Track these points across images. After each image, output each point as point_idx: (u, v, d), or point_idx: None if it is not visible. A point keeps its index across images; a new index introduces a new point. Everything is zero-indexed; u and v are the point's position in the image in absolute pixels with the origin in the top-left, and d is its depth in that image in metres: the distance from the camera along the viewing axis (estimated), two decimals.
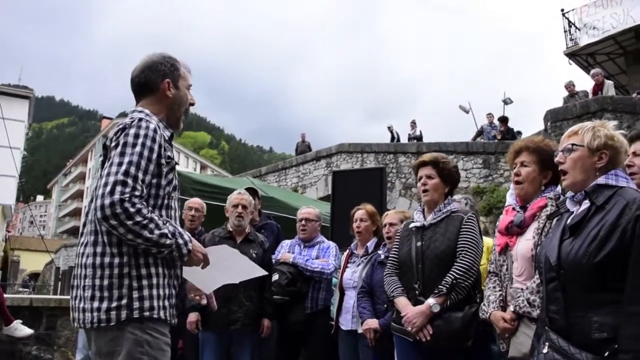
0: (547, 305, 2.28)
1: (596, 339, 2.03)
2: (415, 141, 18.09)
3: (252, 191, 5.52)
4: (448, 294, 3.11)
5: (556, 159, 2.43)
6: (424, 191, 3.42)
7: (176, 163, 2.45)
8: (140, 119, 2.27)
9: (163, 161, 2.30)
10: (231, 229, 4.56)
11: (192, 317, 4.36)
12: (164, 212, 2.32)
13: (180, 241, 2.24)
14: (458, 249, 3.20)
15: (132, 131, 2.22)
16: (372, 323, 3.91)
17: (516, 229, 2.88)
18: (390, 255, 3.60)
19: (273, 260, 4.76)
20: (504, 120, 16.16)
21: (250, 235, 4.58)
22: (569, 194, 2.40)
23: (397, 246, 3.54)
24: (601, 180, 2.25)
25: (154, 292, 2.23)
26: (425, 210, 3.48)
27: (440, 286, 3.13)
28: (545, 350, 2.19)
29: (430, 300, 3.13)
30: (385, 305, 3.93)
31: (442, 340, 3.09)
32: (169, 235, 2.19)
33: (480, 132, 17.31)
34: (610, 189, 2.21)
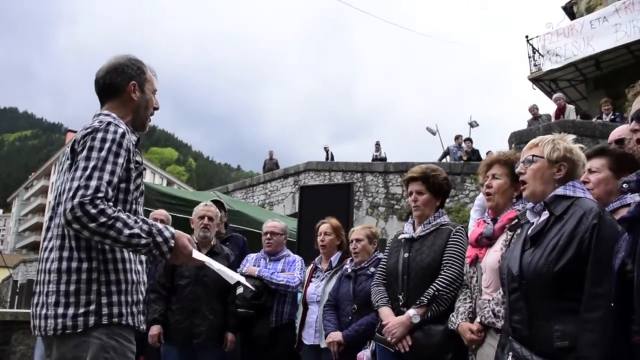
0: (511, 315, 2.32)
1: (558, 347, 2.08)
2: (380, 160, 18.29)
3: (218, 204, 5.48)
4: (429, 306, 3.11)
5: (517, 170, 2.50)
6: (415, 207, 3.43)
7: (144, 168, 2.43)
8: (109, 123, 2.23)
9: (132, 166, 2.27)
10: (197, 241, 4.51)
11: (154, 330, 4.25)
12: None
13: (159, 239, 2.16)
14: (443, 261, 3.21)
15: (100, 135, 2.18)
16: (336, 336, 3.89)
17: (485, 241, 2.92)
18: (379, 265, 3.63)
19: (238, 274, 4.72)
20: (470, 140, 16.50)
21: (215, 248, 4.54)
22: (529, 205, 2.46)
23: (386, 257, 3.56)
24: (559, 191, 2.32)
25: (123, 298, 2.20)
26: (416, 222, 3.49)
27: (422, 297, 3.14)
28: None
29: (411, 311, 3.14)
30: (349, 318, 3.92)
31: (422, 353, 3.08)
32: (143, 235, 2.11)
33: (446, 153, 17.60)
34: (568, 200, 2.27)
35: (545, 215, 2.32)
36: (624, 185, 1.97)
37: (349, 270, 4.11)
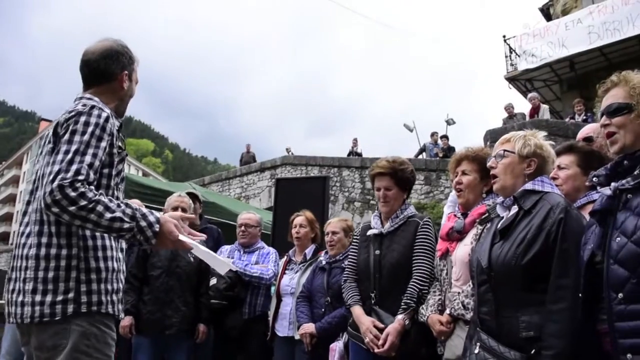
0: (479, 307, 2.37)
1: (524, 337, 2.13)
2: (357, 156, 18.34)
3: (192, 195, 5.44)
4: (418, 306, 3.08)
5: (488, 164, 2.55)
6: (384, 202, 3.39)
7: (126, 154, 2.39)
8: (92, 107, 2.19)
9: (115, 151, 2.24)
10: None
11: (126, 321, 4.20)
12: None
13: (143, 223, 2.09)
14: (414, 257, 3.20)
15: (83, 119, 2.14)
16: (309, 327, 3.89)
17: (456, 235, 2.96)
18: (349, 261, 3.58)
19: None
20: (446, 137, 16.65)
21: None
22: (499, 199, 2.50)
23: (355, 252, 3.51)
24: (528, 185, 2.38)
25: (102, 286, 2.16)
26: (383, 217, 3.46)
27: (407, 301, 3.09)
28: (476, 351, 2.27)
29: (400, 317, 3.07)
30: (322, 310, 3.93)
31: (399, 349, 3.06)
32: (126, 219, 2.05)
33: (422, 150, 17.71)
34: (536, 194, 2.33)
35: (514, 209, 2.37)
36: (594, 179, 2.02)
37: (324, 262, 4.12)
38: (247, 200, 18.37)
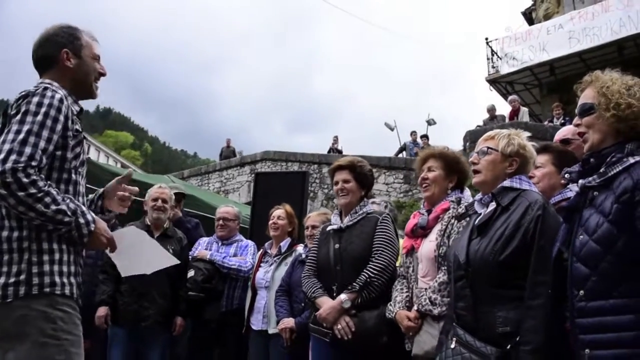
0: (456, 302, 2.41)
1: (500, 333, 2.18)
2: (337, 153, 18.41)
3: (180, 195, 5.44)
4: (360, 292, 3.14)
5: (471, 159, 2.59)
6: (342, 195, 3.46)
7: (84, 137, 2.35)
8: (45, 88, 2.15)
9: (69, 133, 2.18)
10: (149, 223, 4.46)
11: (102, 311, 4.20)
12: (70, 188, 2.20)
13: (82, 220, 2.09)
14: (373, 249, 3.25)
15: (35, 99, 2.09)
16: (288, 322, 3.88)
17: (420, 231, 3.02)
18: (309, 258, 3.61)
19: (189, 257, 4.71)
20: (427, 137, 16.81)
21: (168, 231, 4.51)
22: (477, 196, 2.56)
23: (315, 248, 3.56)
24: (506, 183, 2.43)
25: (56, 267, 2.10)
26: (342, 213, 3.52)
27: (354, 283, 3.17)
28: (452, 345, 2.30)
29: (342, 296, 3.16)
30: (302, 305, 3.93)
31: (357, 339, 3.09)
32: (68, 213, 2.04)
33: (403, 149, 17.86)
34: (514, 191, 2.38)
35: (492, 206, 2.42)
36: (566, 176, 2.08)
37: (303, 255, 4.11)
38: (227, 195, 18.30)
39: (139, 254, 2.53)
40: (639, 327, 1.68)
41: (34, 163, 1.98)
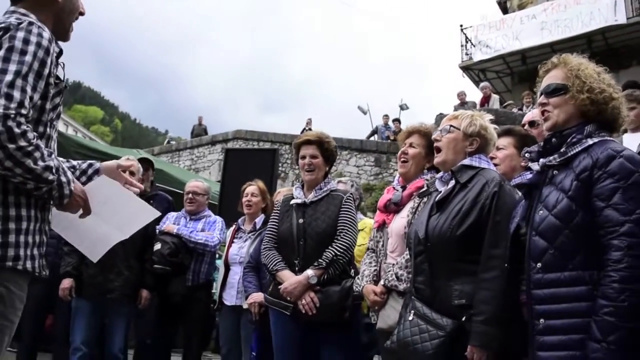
0: (415, 276, 2.49)
1: (456, 305, 2.27)
2: None
3: (146, 161, 5.37)
4: (327, 269, 3.19)
5: (433, 136, 2.65)
6: (309, 170, 3.46)
7: (66, 86, 2.06)
8: (30, 23, 1.84)
9: (52, 80, 1.90)
10: None
11: (66, 283, 4.15)
12: (43, 143, 1.88)
13: (63, 179, 1.86)
14: (339, 228, 3.29)
15: (21, 35, 1.79)
16: (257, 297, 3.89)
17: (393, 207, 3.05)
18: (268, 230, 3.59)
19: (157, 231, 4.68)
20: (398, 121, 16.91)
21: None
22: (439, 174, 2.63)
23: (276, 221, 3.54)
24: (466, 161, 2.51)
25: (22, 238, 1.84)
26: (305, 187, 3.52)
27: (320, 260, 3.20)
28: (410, 318, 2.37)
29: (309, 272, 3.19)
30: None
31: (321, 313, 3.15)
32: (53, 170, 1.81)
33: (374, 132, 17.93)
34: (473, 170, 2.47)
35: (452, 183, 2.49)
36: (526, 155, 2.14)
37: None
38: (197, 173, 18.20)
39: (114, 213, 2.25)
40: (591, 298, 1.75)
41: (23, 111, 1.73)
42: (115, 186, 2.26)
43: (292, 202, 3.49)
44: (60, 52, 2.01)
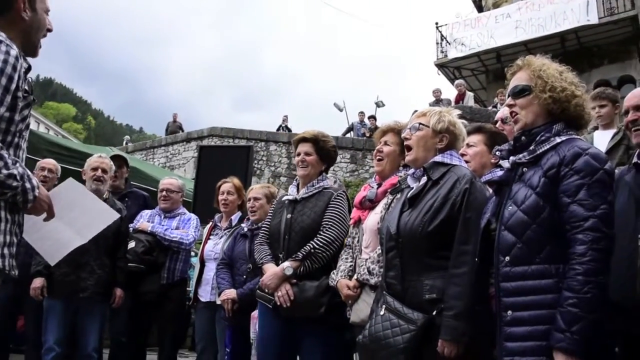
0: (386, 272, 2.53)
1: (427, 299, 2.32)
2: (287, 131, 18.42)
3: (120, 159, 5.33)
4: (303, 261, 3.22)
5: (403, 135, 2.70)
6: (302, 167, 3.51)
7: (34, 100, 2.20)
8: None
9: (19, 94, 2.02)
10: None
11: (37, 282, 4.10)
12: (11, 152, 2.05)
13: (28, 185, 2.02)
14: (323, 223, 3.32)
15: None
16: (230, 293, 3.92)
17: (368, 204, 3.09)
18: (263, 226, 3.67)
19: (130, 229, 4.65)
20: (374, 118, 17.01)
21: (107, 201, 4.40)
22: (410, 171, 2.67)
23: (270, 217, 3.61)
24: (438, 158, 2.57)
25: None
26: (300, 184, 3.57)
27: (298, 252, 3.24)
28: (382, 312, 2.41)
29: (285, 264, 3.24)
30: (244, 277, 3.98)
31: (296, 307, 3.18)
32: (17, 177, 1.96)
33: (350, 129, 18.02)
34: (445, 166, 2.52)
35: (424, 180, 2.54)
36: (497, 153, 2.21)
37: (245, 229, 4.15)
38: (172, 170, 18.07)
39: (78, 216, 2.44)
40: (557, 290, 1.82)
41: None
42: (79, 189, 2.48)
43: (284, 198, 3.56)
44: (29, 68, 2.14)
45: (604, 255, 1.77)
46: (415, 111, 3.52)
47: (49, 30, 2.29)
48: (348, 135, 17.35)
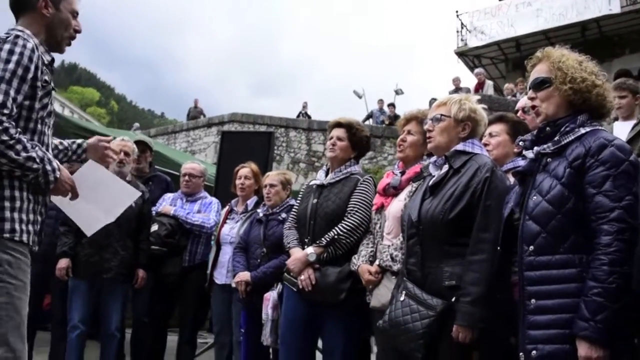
0: (407, 258, 2.53)
1: (446, 286, 2.32)
2: (307, 117, 18.38)
3: (143, 144, 5.36)
4: (326, 247, 3.23)
5: (425, 127, 2.68)
6: (331, 150, 3.50)
7: (53, 88, 2.34)
8: (17, 36, 2.15)
9: (38, 84, 2.19)
10: None
11: (62, 263, 4.15)
12: (35, 137, 2.22)
13: (48, 167, 2.17)
14: (348, 208, 3.30)
15: (7, 47, 2.11)
16: (244, 276, 3.96)
17: (392, 190, 3.07)
18: (293, 210, 3.71)
19: (153, 212, 4.68)
20: (393, 105, 16.90)
21: (130, 184, 4.44)
22: (432, 159, 2.66)
23: (299, 201, 3.63)
24: (459, 146, 2.55)
25: (16, 215, 2.14)
26: (330, 170, 3.57)
27: (322, 238, 3.25)
28: (402, 298, 2.42)
29: (309, 249, 3.26)
30: (258, 260, 4.00)
31: (318, 293, 3.20)
32: (37, 160, 2.11)
33: (369, 116, 17.94)
34: (466, 155, 2.51)
35: (445, 168, 2.52)
36: (520, 143, 2.18)
37: (261, 214, 4.16)
38: (193, 155, 18.19)
39: (101, 197, 2.56)
40: (581, 279, 1.82)
41: (5, 110, 2.02)
42: (100, 170, 2.61)
43: (312, 182, 3.59)
44: (52, 61, 2.35)
45: (629, 246, 1.76)
46: (434, 100, 3.48)
47: (77, 31, 2.45)
48: (367, 122, 17.25)
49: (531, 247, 1.94)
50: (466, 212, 2.34)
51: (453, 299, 2.27)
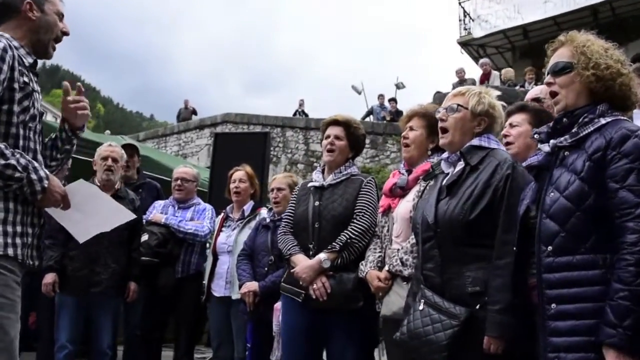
0: (423, 264, 2.47)
1: (469, 292, 2.27)
2: (304, 116, 18.35)
3: (131, 147, 5.32)
4: (340, 252, 3.15)
5: (438, 115, 2.61)
6: (329, 151, 3.42)
7: (34, 90, 2.29)
8: None
9: (15, 85, 2.15)
10: (99, 184, 4.34)
11: (49, 278, 4.09)
12: (20, 142, 2.17)
13: (34, 176, 2.10)
14: (356, 211, 3.25)
15: None
16: (252, 286, 3.88)
17: (399, 191, 3.04)
18: (286, 214, 3.59)
19: (144, 221, 4.64)
20: (395, 100, 16.85)
21: (120, 192, 4.39)
22: (444, 155, 2.59)
23: (293, 205, 3.53)
24: (475, 141, 2.49)
25: (0, 227, 2.09)
26: (326, 170, 3.50)
27: (334, 243, 3.17)
28: (420, 307, 2.36)
29: (322, 255, 3.15)
30: (265, 269, 3.93)
31: (333, 300, 3.11)
32: (19, 168, 2.05)
33: (370, 112, 17.87)
34: (483, 151, 2.45)
35: (460, 165, 2.47)
36: (536, 136, 2.13)
37: (268, 220, 4.11)
38: (185, 159, 18.14)
39: (93, 212, 2.53)
40: (604, 282, 1.76)
41: None
42: (93, 189, 2.61)
43: (310, 184, 3.49)
44: (34, 64, 2.31)
45: None
46: (438, 92, 3.43)
47: (65, 33, 2.44)
48: (367, 119, 17.20)
49: (549, 248, 1.89)
50: (487, 211, 2.29)
51: (477, 307, 2.22)
